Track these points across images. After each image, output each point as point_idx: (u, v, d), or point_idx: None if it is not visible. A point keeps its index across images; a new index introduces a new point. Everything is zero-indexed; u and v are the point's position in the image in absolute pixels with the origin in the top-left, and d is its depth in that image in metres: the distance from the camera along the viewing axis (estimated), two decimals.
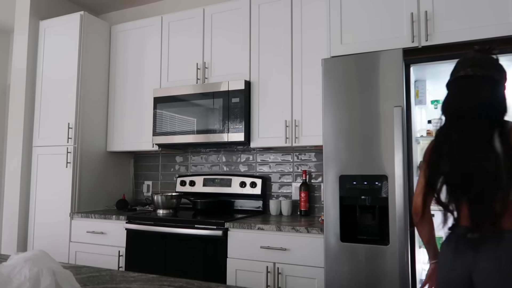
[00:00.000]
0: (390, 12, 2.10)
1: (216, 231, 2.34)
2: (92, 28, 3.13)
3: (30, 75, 3.17)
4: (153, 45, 3.09)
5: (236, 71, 2.75)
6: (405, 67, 1.92)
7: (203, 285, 1.12)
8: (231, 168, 3.10)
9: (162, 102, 2.89)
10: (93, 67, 3.13)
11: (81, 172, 2.97)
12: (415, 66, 1.97)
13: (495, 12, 1.88)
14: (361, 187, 1.91)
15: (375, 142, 1.90)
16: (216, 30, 2.86)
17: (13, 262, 0.91)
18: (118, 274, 1.25)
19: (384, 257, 1.82)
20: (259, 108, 2.66)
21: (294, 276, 2.13)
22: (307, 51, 2.54)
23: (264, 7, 2.70)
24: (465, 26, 1.93)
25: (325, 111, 2.02)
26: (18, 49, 3.19)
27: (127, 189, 3.43)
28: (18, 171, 3.07)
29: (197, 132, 2.74)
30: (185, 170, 3.28)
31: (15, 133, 3.13)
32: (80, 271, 1.29)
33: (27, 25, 3.16)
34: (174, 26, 3.03)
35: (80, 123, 3.00)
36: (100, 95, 3.19)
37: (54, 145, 3.02)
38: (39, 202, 3.03)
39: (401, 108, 1.84)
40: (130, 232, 2.63)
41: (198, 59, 2.90)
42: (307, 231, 2.12)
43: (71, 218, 2.88)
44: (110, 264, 2.68)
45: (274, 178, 2.93)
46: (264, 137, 2.62)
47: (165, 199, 2.73)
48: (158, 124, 2.89)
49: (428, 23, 2.00)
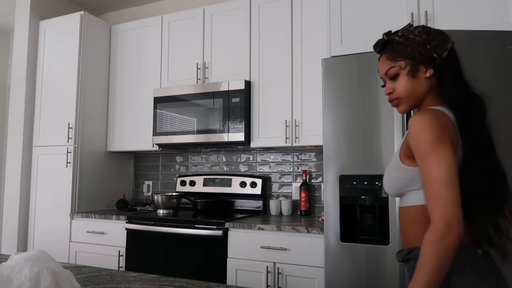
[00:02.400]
0: (390, 12, 2.10)
1: (216, 231, 2.34)
2: (92, 28, 3.13)
3: (30, 75, 3.17)
4: (153, 45, 3.09)
5: (236, 71, 2.75)
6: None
7: (203, 285, 1.12)
8: (231, 168, 3.10)
9: (162, 102, 2.89)
10: (93, 67, 3.13)
11: (81, 172, 2.97)
12: None
13: (495, 11, 1.88)
14: (361, 187, 1.91)
15: (375, 142, 1.90)
16: (216, 30, 2.86)
17: (13, 262, 0.91)
18: (118, 274, 1.25)
19: (384, 257, 1.83)
20: (259, 108, 2.66)
21: (294, 276, 2.13)
22: (307, 51, 2.54)
23: (264, 7, 2.70)
24: (465, 26, 1.93)
25: (325, 111, 2.02)
26: (18, 49, 3.19)
27: (127, 189, 3.43)
28: (18, 171, 3.07)
29: (197, 132, 2.74)
30: (185, 170, 3.28)
31: (15, 133, 3.13)
32: (80, 271, 1.29)
33: (27, 25, 3.16)
34: (174, 26, 3.02)
35: (80, 123, 3.00)
36: (100, 95, 3.19)
37: (54, 145, 3.02)
38: (39, 202, 3.03)
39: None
40: (130, 232, 2.63)
41: (198, 59, 2.90)
42: (307, 231, 2.12)
43: (71, 218, 2.88)
44: (110, 264, 2.68)
45: (274, 178, 2.93)
46: (264, 137, 2.62)
47: (165, 199, 2.73)
48: (158, 124, 2.89)
49: (428, 23, 2.00)
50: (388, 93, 1.16)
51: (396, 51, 1.13)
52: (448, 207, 0.88)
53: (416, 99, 1.13)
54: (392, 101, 1.16)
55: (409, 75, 1.11)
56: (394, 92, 1.14)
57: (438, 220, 0.89)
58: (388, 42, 1.17)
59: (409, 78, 1.11)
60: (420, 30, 1.12)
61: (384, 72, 1.16)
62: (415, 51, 1.10)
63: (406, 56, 1.11)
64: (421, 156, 0.98)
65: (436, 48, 1.09)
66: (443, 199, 0.89)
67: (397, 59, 1.12)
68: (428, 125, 0.97)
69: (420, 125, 0.98)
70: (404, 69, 1.11)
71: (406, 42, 1.12)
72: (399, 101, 1.14)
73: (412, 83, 1.11)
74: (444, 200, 0.89)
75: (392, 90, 1.15)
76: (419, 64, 1.10)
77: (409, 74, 1.11)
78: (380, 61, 1.19)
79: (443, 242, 0.87)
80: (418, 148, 0.99)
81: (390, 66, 1.14)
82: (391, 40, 1.16)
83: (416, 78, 1.11)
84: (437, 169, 0.93)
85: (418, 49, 1.10)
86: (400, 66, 1.12)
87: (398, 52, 1.12)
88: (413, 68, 1.11)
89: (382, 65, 1.17)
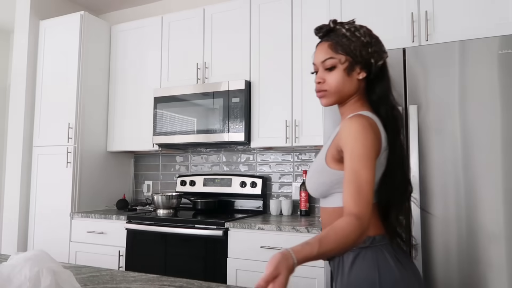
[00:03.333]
0: (390, 12, 2.10)
1: (216, 231, 2.34)
2: (92, 28, 3.13)
3: (31, 75, 3.17)
4: (153, 45, 3.09)
5: (236, 71, 2.75)
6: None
7: (203, 285, 1.12)
8: (231, 168, 3.10)
9: (162, 102, 2.89)
10: (93, 67, 3.13)
11: (81, 172, 2.97)
12: None
13: (495, 11, 1.88)
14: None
15: None
16: (216, 30, 2.86)
17: (13, 262, 0.91)
18: (118, 274, 1.25)
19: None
20: (260, 108, 2.66)
21: (294, 276, 2.13)
22: (307, 50, 2.54)
23: (264, 7, 2.70)
24: (465, 26, 1.93)
25: (325, 111, 2.02)
26: (18, 49, 3.19)
27: (127, 189, 3.43)
28: (18, 171, 3.07)
29: (197, 132, 2.74)
30: (185, 170, 3.28)
31: (15, 133, 3.13)
32: (80, 271, 1.29)
33: (27, 25, 3.16)
34: (174, 26, 3.02)
35: (80, 123, 3.00)
36: (100, 95, 3.19)
37: (54, 145, 3.02)
38: (39, 202, 3.03)
39: (401, 108, 1.83)
40: (130, 232, 2.63)
41: (198, 59, 2.90)
42: (307, 231, 2.12)
43: (71, 218, 2.88)
44: (110, 264, 2.68)
45: (274, 178, 2.93)
46: (264, 137, 2.62)
47: (165, 199, 2.73)
48: (158, 124, 2.89)
49: (428, 23, 2.00)
50: (318, 82, 1.14)
51: (340, 44, 1.11)
52: (369, 206, 0.98)
53: (342, 96, 1.13)
54: (319, 92, 1.15)
55: (345, 71, 1.11)
56: (325, 83, 1.13)
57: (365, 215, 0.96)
58: (332, 31, 1.14)
59: (344, 74, 1.11)
60: (365, 31, 1.12)
61: (321, 60, 1.13)
62: (358, 50, 1.10)
63: (348, 52, 1.10)
64: (354, 157, 1.01)
65: (375, 54, 1.11)
66: (368, 200, 0.98)
67: (339, 51, 1.11)
68: (367, 132, 1.02)
69: (361, 130, 1.02)
70: (343, 64, 1.11)
71: (352, 38, 1.10)
72: (327, 93, 1.14)
73: (345, 80, 1.11)
74: (368, 201, 0.98)
75: (323, 80, 1.13)
76: (356, 64, 1.11)
77: (345, 71, 1.11)
78: (320, 47, 1.15)
79: (362, 233, 0.95)
80: (352, 149, 1.01)
81: (330, 56, 1.12)
82: (336, 30, 1.13)
83: (350, 76, 1.11)
84: (367, 173, 0.99)
85: (360, 49, 1.10)
86: (340, 60, 1.11)
87: (342, 45, 1.11)
88: (350, 66, 1.11)
89: (320, 52, 1.14)
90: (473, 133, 1.71)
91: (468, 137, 1.72)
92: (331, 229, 0.94)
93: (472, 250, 1.68)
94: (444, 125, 1.77)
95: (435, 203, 1.76)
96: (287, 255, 0.87)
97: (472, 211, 1.69)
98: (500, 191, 1.65)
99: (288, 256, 0.87)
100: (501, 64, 1.69)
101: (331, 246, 0.91)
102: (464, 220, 1.70)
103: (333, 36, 1.12)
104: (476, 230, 1.68)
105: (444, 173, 1.75)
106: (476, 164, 1.70)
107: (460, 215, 1.71)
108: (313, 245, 0.90)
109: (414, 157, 1.79)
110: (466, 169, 1.71)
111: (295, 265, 0.87)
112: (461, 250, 1.70)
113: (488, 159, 1.68)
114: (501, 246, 1.64)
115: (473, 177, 1.70)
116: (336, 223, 0.95)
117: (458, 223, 1.71)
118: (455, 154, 1.74)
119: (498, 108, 1.68)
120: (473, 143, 1.71)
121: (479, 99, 1.72)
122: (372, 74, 1.13)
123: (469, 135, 1.72)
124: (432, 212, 1.76)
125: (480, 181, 1.69)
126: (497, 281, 1.63)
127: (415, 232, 1.77)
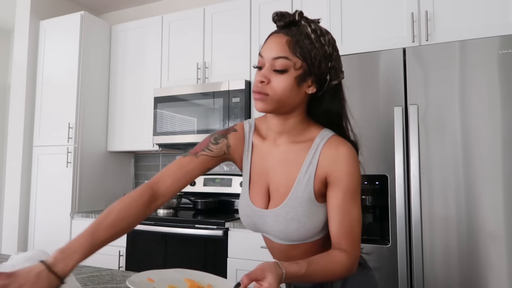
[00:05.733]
0: (391, 12, 2.10)
1: (217, 231, 2.34)
2: (93, 28, 3.13)
3: (31, 75, 3.17)
4: (153, 45, 3.09)
5: (236, 70, 2.75)
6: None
7: None
8: (231, 167, 3.10)
9: (162, 102, 2.89)
10: (93, 67, 3.13)
11: (81, 172, 2.97)
12: None
13: (495, 11, 1.88)
14: (361, 187, 1.91)
15: (375, 142, 1.90)
16: (216, 30, 2.86)
17: (13, 261, 0.91)
18: (118, 274, 1.25)
19: (384, 257, 1.82)
20: None
21: None
22: None
23: (264, 7, 2.70)
24: (465, 26, 1.93)
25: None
26: (18, 49, 3.19)
27: (127, 188, 3.43)
28: (18, 171, 3.07)
29: (198, 132, 2.74)
30: None
31: (15, 133, 3.13)
32: (80, 270, 1.29)
33: (27, 25, 3.17)
34: (175, 26, 3.02)
35: (80, 123, 3.00)
36: (100, 95, 3.19)
37: (55, 145, 3.02)
38: (39, 202, 3.03)
39: (401, 108, 1.84)
40: (130, 232, 2.62)
41: (199, 59, 2.90)
42: None
43: (71, 218, 2.88)
44: (111, 264, 2.68)
45: None
46: None
47: None
48: (158, 124, 2.89)
49: (428, 22, 2.00)
50: (261, 82, 0.92)
51: (300, 45, 0.90)
52: (359, 245, 0.97)
53: (283, 107, 0.94)
54: (259, 93, 0.92)
55: (295, 80, 0.91)
56: (269, 86, 0.91)
57: (356, 255, 0.94)
58: (295, 25, 0.93)
59: (294, 83, 0.91)
60: (330, 40, 0.94)
61: (273, 57, 0.91)
62: (317, 60, 0.91)
63: (306, 58, 0.91)
64: (347, 195, 0.95)
65: (332, 71, 0.95)
66: (359, 239, 0.96)
67: (297, 54, 0.90)
68: (359, 167, 0.99)
69: (356, 165, 0.97)
70: (296, 71, 0.91)
71: (315, 43, 0.91)
72: (267, 98, 0.92)
73: (292, 89, 0.92)
74: (359, 240, 0.96)
75: (268, 81, 0.92)
76: (310, 75, 0.93)
77: (296, 79, 0.91)
78: (275, 39, 0.93)
79: (351, 271, 0.93)
80: (347, 186, 0.94)
81: (285, 56, 0.90)
82: (300, 26, 0.92)
83: (299, 87, 0.93)
84: (358, 211, 0.97)
85: (320, 60, 0.92)
86: (295, 65, 0.90)
87: (302, 48, 0.90)
88: (304, 75, 0.92)
89: (276, 46, 0.92)
90: (473, 133, 1.71)
91: (468, 137, 1.72)
92: (325, 255, 0.90)
93: (473, 250, 1.68)
94: (444, 125, 1.77)
95: (435, 203, 1.76)
96: (276, 264, 0.83)
97: (472, 211, 1.69)
98: (500, 191, 1.66)
99: (277, 265, 0.82)
100: (501, 64, 1.69)
101: (319, 270, 0.88)
102: (464, 220, 1.70)
103: (295, 33, 0.91)
104: (477, 230, 1.68)
105: (444, 173, 1.75)
106: (476, 164, 1.70)
107: (460, 215, 1.71)
108: (302, 264, 0.85)
109: (414, 157, 1.79)
110: (466, 169, 1.71)
111: (283, 275, 0.81)
112: (462, 250, 1.70)
113: (488, 159, 1.68)
114: (501, 246, 1.64)
115: (473, 177, 1.70)
116: (332, 254, 0.91)
117: (458, 223, 1.71)
118: (455, 154, 1.74)
119: (498, 108, 1.69)
120: (473, 143, 1.71)
121: (479, 99, 1.72)
122: (321, 92, 0.96)
123: (469, 135, 1.72)
124: (433, 212, 1.76)
125: (480, 181, 1.69)
126: (497, 281, 1.63)
127: (415, 232, 1.77)
